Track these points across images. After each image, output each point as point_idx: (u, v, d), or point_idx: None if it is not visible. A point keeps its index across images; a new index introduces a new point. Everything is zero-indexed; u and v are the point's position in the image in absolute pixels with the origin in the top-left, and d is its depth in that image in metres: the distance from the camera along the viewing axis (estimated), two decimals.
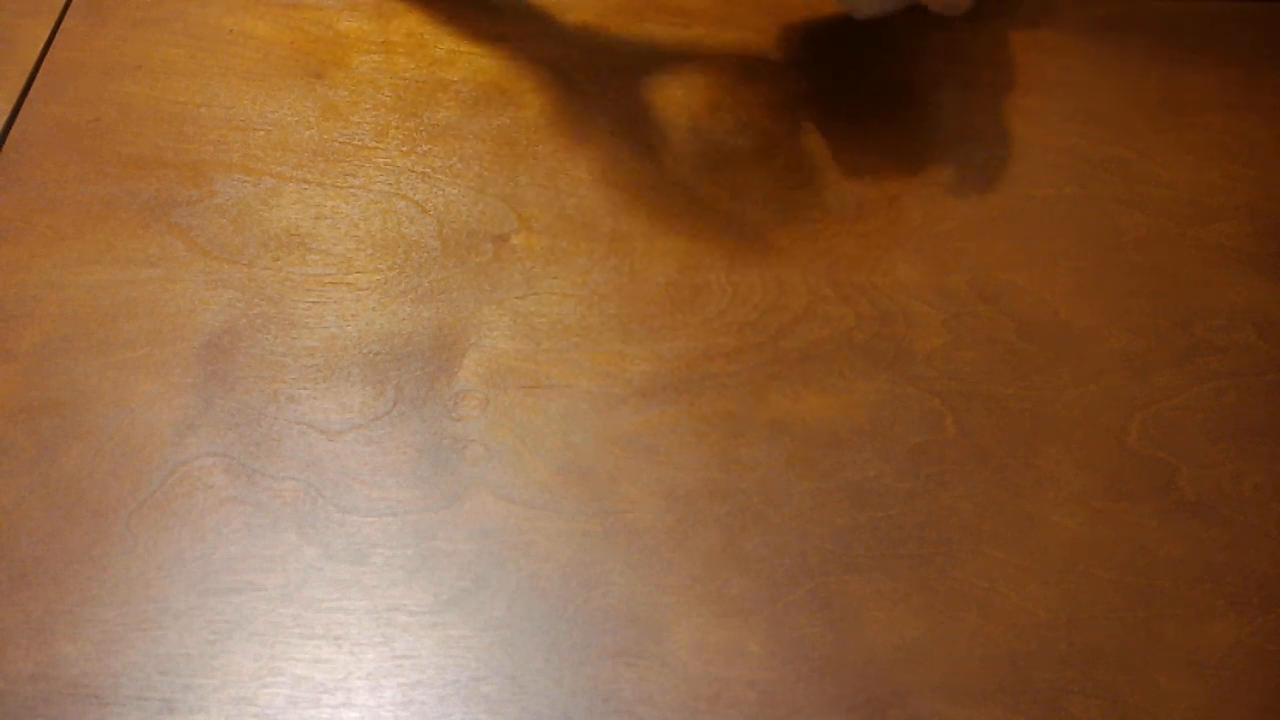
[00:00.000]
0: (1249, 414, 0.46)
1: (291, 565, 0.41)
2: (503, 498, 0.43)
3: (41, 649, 0.39)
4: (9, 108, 0.53)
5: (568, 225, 0.51)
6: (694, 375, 0.46)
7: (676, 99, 0.55)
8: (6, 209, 0.50)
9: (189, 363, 0.46)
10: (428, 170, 0.52)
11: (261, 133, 0.53)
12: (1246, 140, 0.55)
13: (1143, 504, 0.44)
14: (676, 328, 0.48)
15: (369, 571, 0.41)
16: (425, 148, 0.53)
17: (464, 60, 0.57)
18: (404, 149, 0.53)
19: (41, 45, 0.56)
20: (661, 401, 0.45)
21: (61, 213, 0.50)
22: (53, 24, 0.57)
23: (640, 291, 0.49)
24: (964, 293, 0.49)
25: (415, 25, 0.58)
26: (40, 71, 0.55)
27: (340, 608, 0.40)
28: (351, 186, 0.52)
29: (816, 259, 0.50)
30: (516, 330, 0.47)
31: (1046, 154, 0.54)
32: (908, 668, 0.40)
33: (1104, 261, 0.51)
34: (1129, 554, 0.42)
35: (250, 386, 0.45)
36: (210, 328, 0.47)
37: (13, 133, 0.53)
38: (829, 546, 0.42)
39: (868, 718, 0.38)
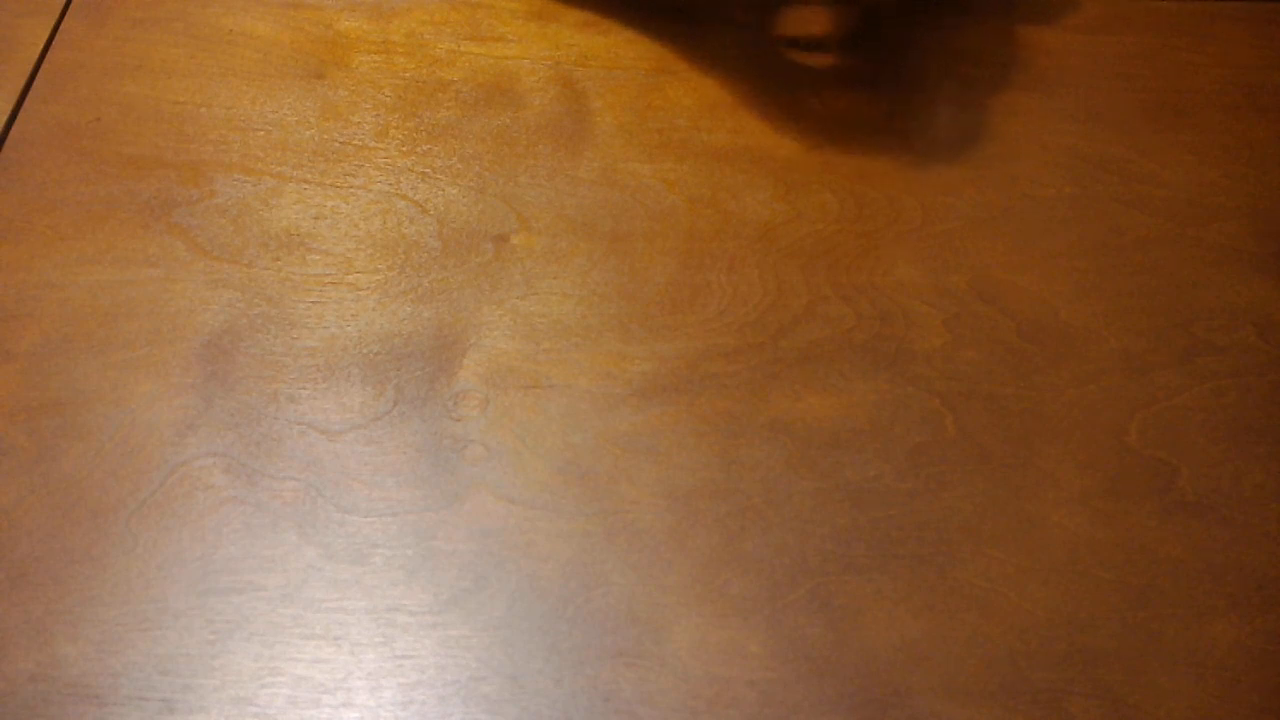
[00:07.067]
0: (1249, 414, 0.46)
1: (291, 565, 0.41)
2: (503, 498, 0.43)
3: (41, 649, 0.39)
4: (9, 108, 0.53)
5: (568, 225, 0.51)
6: (694, 375, 0.46)
7: (676, 99, 0.55)
8: (6, 209, 0.50)
9: (189, 363, 0.46)
10: (428, 170, 0.52)
11: (261, 133, 0.53)
12: (1246, 140, 0.55)
13: (1143, 504, 0.44)
14: (676, 328, 0.48)
15: (369, 571, 0.41)
16: (425, 148, 0.53)
17: (464, 60, 0.57)
18: (404, 149, 0.53)
19: (41, 45, 0.56)
20: (661, 401, 0.45)
21: (61, 213, 0.50)
22: (53, 24, 0.57)
23: (640, 291, 0.49)
24: (964, 293, 0.49)
25: (415, 25, 0.58)
26: (40, 71, 0.55)
27: (340, 608, 0.40)
28: (351, 186, 0.52)
29: (816, 259, 0.50)
30: (516, 330, 0.47)
31: (1046, 154, 0.54)
32: (908, 668, 0.40)
33: (1104, 261, 0.51)
34: (1129, 554, 0.42)
35: (250, 386, 0.45)
36: (210, 328, 0.47)
37: (13, 133, 0.53)
38: (829, 546, 0.42)
39: (868, 718, 0.38)
